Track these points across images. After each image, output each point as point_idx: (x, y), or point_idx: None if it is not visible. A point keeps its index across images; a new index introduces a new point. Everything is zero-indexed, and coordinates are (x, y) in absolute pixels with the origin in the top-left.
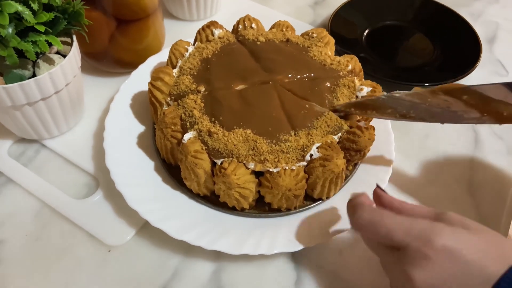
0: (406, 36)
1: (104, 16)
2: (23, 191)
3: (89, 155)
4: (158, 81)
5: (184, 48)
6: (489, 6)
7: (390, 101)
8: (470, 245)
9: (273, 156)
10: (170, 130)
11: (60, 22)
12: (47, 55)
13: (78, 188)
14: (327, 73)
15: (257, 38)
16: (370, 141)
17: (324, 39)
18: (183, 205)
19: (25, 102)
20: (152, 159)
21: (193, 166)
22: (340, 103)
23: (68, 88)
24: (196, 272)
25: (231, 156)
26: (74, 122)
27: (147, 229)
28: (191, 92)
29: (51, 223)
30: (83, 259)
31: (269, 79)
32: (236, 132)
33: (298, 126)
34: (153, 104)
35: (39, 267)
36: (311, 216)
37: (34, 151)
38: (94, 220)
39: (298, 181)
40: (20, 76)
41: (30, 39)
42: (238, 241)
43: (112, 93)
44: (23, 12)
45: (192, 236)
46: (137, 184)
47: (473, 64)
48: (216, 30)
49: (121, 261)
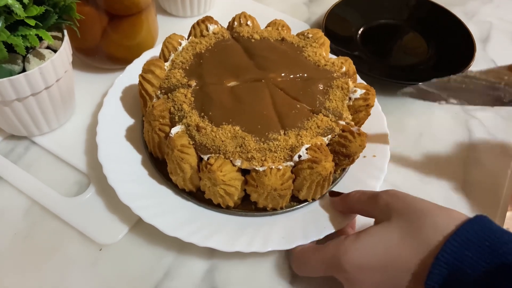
0: (401, 34)
1: (96, 11)
2: (12, 189)
3: (80, 152)
4: (149, 74)
5: (177, 42)
6: (483, 6)
7: (467, 81)
8: (378, 250)
9: (261, 154)
10: (158, 123)
11: (51, 16)
12: (38, 49)
13: (68, 185)
14: (320, 74)
15: (252, 36)
16: (361, 147)
17: (320, 40)
18: (170, 201)
19: (14, 97)
20: (140, 152)
21: (179, 160)
22: (333, 105)
23: (58, 84)
24: (189, 271)
25: (218, 152)
26: (64, 118)
27: (139, 228)
28: (182, 86)
29: (41, 222)
30: (73, 258)
31: (262, 77)
32: (224, 128)
33: (288, 126)
34: (143, 97)
35: (28, 267)
36: (303, 215)
37: (23, 148)
38: (85, 219)
39: (284, 181)
40: (10, 71)
41: (20, 33)
42: (231, 238)
43: (104, 89)
44: (13, 5)
45: (184, 233)
46: (130, 180)
47: (467, 63)
48: (211, 25)
49: (113, 260)
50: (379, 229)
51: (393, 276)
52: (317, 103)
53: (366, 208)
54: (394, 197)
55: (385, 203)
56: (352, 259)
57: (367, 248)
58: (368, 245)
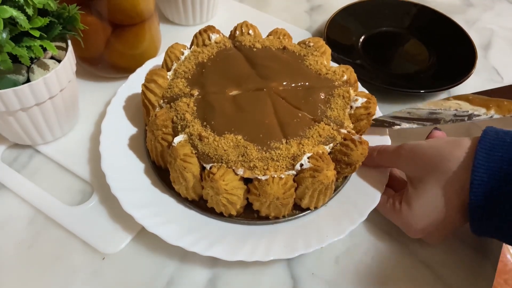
0: (402, 42)
1: (100, 21)
2: (16, 198)
3: (83, 160)
4: (152, 83)
5: (179, 52)
6: (484, 13)
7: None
8: (431, 211)
9: (263, 163)
10: (161, 133)
11: (55, 27)
12: (42, 60)
13: (72, 194)
14: (322, 83)
15: (254, 45)
16: (362, 156)
17: (321, 48)
18: (173, 209)
19: (18, 107)
20: (143, 161)
21: (181, 169)
22: (334, 114)
23: (62, 94)
24: (191, 280)
25: (221, 161)
26: (68, 127)
27: (142, 237)
28: (185, 95)
29: (44, 231)
30: (77, 267)
31: (264, 86)
32: (227, 137)
33: (290, 135)
34: (145, 106)
35: (32, 276)
36: (306, 223)
37: (27, 157)
38: (88, 227)
39: (286, 190)
40: (14, 81)
41: (25, 44)
42: (234, 247)
43: (107, 98)
44: (17, 17)
45: (187, 242)
46: (133, 188)
47: (469, 71)
48: (213, 34)
49: (116, 269)
50: (421, 193)
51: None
52: (318, 112)
53: (393, 160)
54: (411, 153)
55: (405, 158)
56: (415, 230)
57: (423, 215)
58: (422, 211)
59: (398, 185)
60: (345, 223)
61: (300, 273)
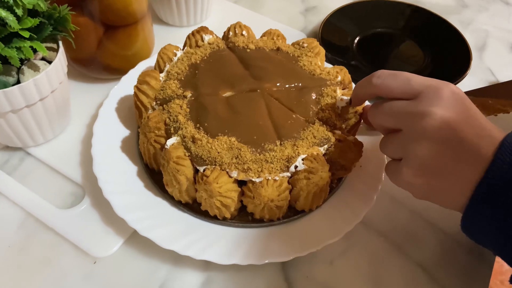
0: (397, 43)
1: (92, 21)
2: (6, 201)
3: (75, 163)
4: (144, 85)
5: (172, 53)
6: (479, 14)
7: None
8: None
9: (257, 165)
10: (153, 135)
11: (46, 28)
12: (32, 61)
13: (63, 197)
14: (315, 83)
15: (247, 46)
16: (357, 157)
17: (315, 49)
18: (166, 212)
19: (9, 109)
20: (135, 164)
21: (175, 172)
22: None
23: (53, 95)
24: (184, 284)
25: (214, 164)
26: (60, 129)
27: (134, 240)
28: (177, 97)
29: (35, 234)
30: (68, 271)
31: (257, 87)
32: (220, 139)
33: (284, 136)
34: (138, 108)
35: (22, 279)
36: (300, 226)
37: (18, 159)
38: (80, 231)
39: (281, 192)
40: (4, 83)
41: (14, 45)
42: (228, 250)
43: (100, 99)
44: (6, 17)
45: (180, 246)
46: (125, 191)
47: (464, 71)
48: (206, 35)
49: (107, 273)
50: None
51: None
52: (310, 113)
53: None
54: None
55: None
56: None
57: None
58: None
59: None
60: (340, 225)
61: (295, 276)
